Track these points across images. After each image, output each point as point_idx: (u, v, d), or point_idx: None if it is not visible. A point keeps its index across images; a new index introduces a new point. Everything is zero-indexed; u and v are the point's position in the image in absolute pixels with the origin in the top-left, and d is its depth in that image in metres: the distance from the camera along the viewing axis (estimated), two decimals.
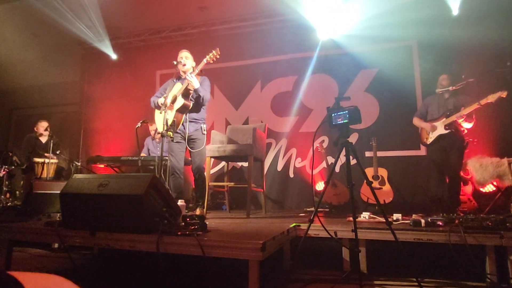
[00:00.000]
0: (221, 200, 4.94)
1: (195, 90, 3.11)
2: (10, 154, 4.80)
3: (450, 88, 3.62)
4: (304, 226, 2.32)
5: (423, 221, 2.21)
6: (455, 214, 2.60)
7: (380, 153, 4.39)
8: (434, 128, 3.67)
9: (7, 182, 4.79)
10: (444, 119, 3.60)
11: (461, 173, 3.75)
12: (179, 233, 1.75)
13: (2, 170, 4.67)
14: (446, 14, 4.60)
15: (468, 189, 3.96)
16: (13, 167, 4.87)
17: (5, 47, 6.02)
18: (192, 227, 1.85)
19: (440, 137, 3.62)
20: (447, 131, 3.57)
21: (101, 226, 1.90)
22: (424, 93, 4.53)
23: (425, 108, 3.89)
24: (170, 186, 3.16)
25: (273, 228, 2.16)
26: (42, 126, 5.22)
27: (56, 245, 3.12)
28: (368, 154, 4.66)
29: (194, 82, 3.07)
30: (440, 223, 2.21)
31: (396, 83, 4.78)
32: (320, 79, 5.23)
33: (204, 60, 3.18)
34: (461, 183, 3.71)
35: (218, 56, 3.16)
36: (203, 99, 3.16)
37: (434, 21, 4.66)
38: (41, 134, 5.23)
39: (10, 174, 4.86)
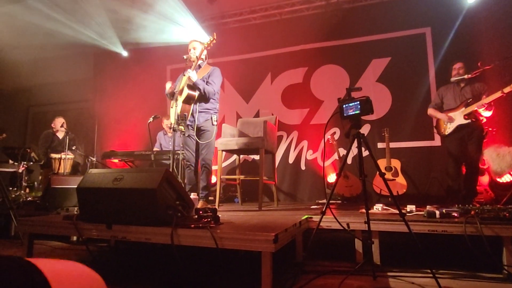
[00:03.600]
0: (233, 193, 4.98)
1: (194, 84, 3.11)
2: (29, 150, 4.94)
3: (466, 76, 3.52)
4: (316, 218, 2.33)
5: (437, 212, 2.18)
6: (471, 205, 2.55)
7: (393, 144, 4.34)
8: (451, 119, 3.58)
9: (26, 178, 4.95)
10: (463, 108, 3.50)
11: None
12: (193, 225, 1.78)
13: (21, 166, 4.81)
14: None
15: (484, 179, 3.88)
16: (31, 163, 5.02)
17: (22, 47, 6.15)
18: (205, 220, 1.88)
19: (459, 127, 3.53)
20: (466, 121, 3.47)
21: (117, 219, 1.95)
22: (439, 82, 4.42)
23: (440, 99, 3.80)
24: (185, 179, 3.20)
25: (285, 220, 2.17)
26: (59, 122, 5.35)
27: (74, 238, 3.22)
28: (380, 145, 4.61)
29: (192, 76, 3.09)
30: (456, 214, 2.18)
31: (409, 72, 4.69)
32: (330, 70, 5.17)
33: (202, 47, 3.23)
34: (478, 174, 3.64)
35: (214, 41, 3.18)
36: (204, 92, 3.16)
37: (448, 7, 4.53)
38: (57, 130, 5.36)
39: (29, 170, 5.02)
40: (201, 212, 1.98)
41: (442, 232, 2.03)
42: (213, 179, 4.19)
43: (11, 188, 4.68)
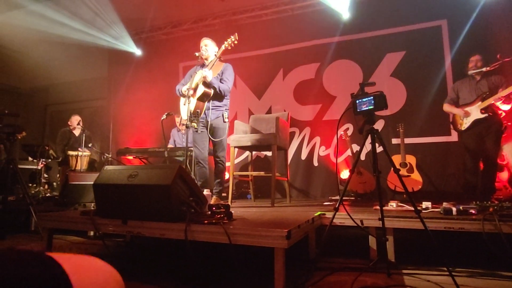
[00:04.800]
0: (246, 189, 5.00)
1: (209, 83, 3.12)
2: (47, 148, 5.07)
3: (485, 69, 3.42)
4: (329, 215, 2.32)
5: (454, 209, 2.14)
6: (489, 202, 2.49)
7: (408, 140, 4.26)
8: (467, 114, 3.49)
9: (45, 175, 5.09)
10: (480, 102, 3.41)
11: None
12: (206, 221, 1.80)
13: (40, 163, 4.95)
14: None
15: (503, 175, 3.77)
16: (50, 160, 5.16)
17: (39, 47, 6.30)
18: (218, 216, 1.90)
19: (476, 122, 3.44)
20: (483, 115, 3.38)
21: (132, 215, 1.99)
22: (455, 76, 4.30)
23: (455, 93, 3.70)
24: (196, 175, 3.23)
25: (298, 217, 2.16)
26: (75, 120, 5.48)
27: (91, 233, 3.30)
28: (395, 141, 4.53)
29: (208, 75, 3.10)
30: (473, 211, 2.13)
31: (424, 66, 4.58)
32: (343, 65, 5.11)
33: (223, 47, 3.20)
34: (497, 170, 3.54)
35: (236, 42, 3.16)
36: (219, 90, 3.17)
37: None
38: (74, 128, 5.48)
39: (47, 167, 5.16)
40: (214, 208, 2.00)
41: (459, 230, 1.99)
42: (226, 175, 4.21)
43: (30, 185, 4.83)
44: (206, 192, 3.08)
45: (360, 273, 1.91)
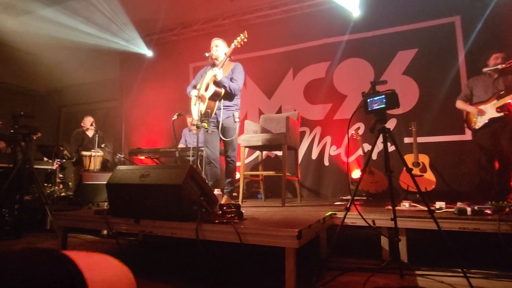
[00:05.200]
0: (256, 189, 5.00)
1: (219, 82, 3.13)
2: (61, 148, 5.18)
3: (500, 66, 3.34)
4: (340, 215, 2.30)
5: (469, 209, 2.10)
6: (505, 202, 2.43)
7: (420, 139, 4.19)
8: (482, 112, 3.42)
9: (60, 175, 5.20)
10: (495, 101, 3.33)
11: None
12: (217, 221, 1.81)
13: (55, 164, 5.06)
14: None
15: None
16: (64, 160, 5.27)
17: (53, 50, 6.44)
18: (229, 215, 1.90)
19: (491, 120, 3.37)
20: (499, 114, 3.30)
21: (145, 214, 2.01)
22: (469, 74, 4.21)
23: (470, 90, 3.63)
24: (207, 175, 3.25)
25: (308, 217, 2.15)
26: (88, 121, 5.58)
27: (105, 232, 3.36)
28: (407, 140, 4.47)
29: (218, 74, 3.11)
30: (489, 212, 2.08)
31: (437, 63, 4.50)
32: (354, 64, 5.06)
33: (232, 45, 3.21)
34: None
35: (245, 40, 3.17)
36: (230, 89, 3.18)
37: None
38: (87, 129, 5.59)
39: (62, 167, 5.27)
40: (225, 207, 2.01)
41: (474, 230, 1.95)
42: (237, 175, 4.22)
43: (46, 184, 4.94)
44: (217, 191, 3.10)
45: (372, 273, 1.89)
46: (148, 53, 6.55)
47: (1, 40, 6.23)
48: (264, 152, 4.66)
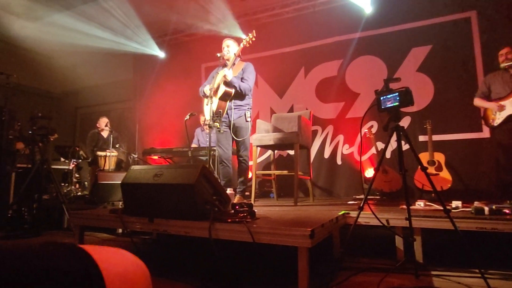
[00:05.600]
0: (269, 188, 5.01)
1: (230, 82, 3.14)
2: (77, 149, 5.30)
3: None
4: (353, 214, 2.28)
5: (486, 208, 2.05)
6: None
7: (436, 137, 4.11)
8: (501, 108, 3.33)
9: (76, 174, 5.32)
10: None
11: None
12: (229, 220, 1.82)
13: (71, 164, 5.18)
14: None
15: None
16: (80, 160, 5.39)
17: (68, 52, 6.60)
18: (242, 215, 1.91)
19: (510, 117, 3.28)
20: None
21: (158, 213, 2.04)
22: (486, 70, 4.10)
23: (487, 87, 3.53)
24: (219, 174, 3.27)
25: (321, 216, 2.14)
26: (103, 122, 5.69)
27: (120, 230, 3.42)
28: (422, 138, 4.39)
29: (228, 75, 3.12)
30: (507, 211, 2.03)
31: (453, 60, 4.40)
32: (366, 61, 4.99)
33: (241, 45, 3.22)
34: None
35: (254, 39, 3.17)
36: (240, 89, 3.19)
37: None
38: (102, 130, 5.70)
39: (78, 167, 5.39)
40: (237, 207, 2.02)
41: (492, 230, 1.90)
42: (249, 174, 4.23)
43: (63, 184, 5.06)
44: (229, 191, 3.11)
45: (386, 273, 1.87)
46: (161, 54, 6.64)
47: (20, 44, 6.42)
48: (276, 151, 4.65)
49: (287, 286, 1.79)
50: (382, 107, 1.90)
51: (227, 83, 3.17)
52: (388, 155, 4.40)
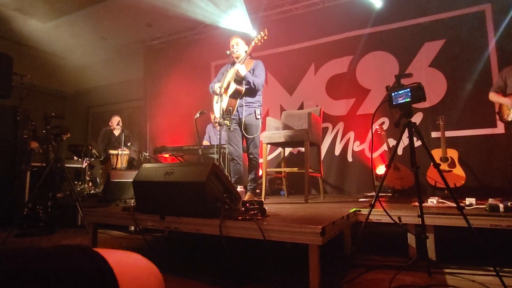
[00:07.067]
0: (279, 186, 5.00)
1: (243, 78, 3.14)
2: (90, 147, 5.39)
3: None
4: (364, 211, 2.26)
5: (501, 205, 2.00)
6: None
7: (449, 133, 4.04)
8: None
9: (89, 173, 5.41)
10: None
11: None
12: (240, 217, 1.82)
13: (84, 162, 5.27)
14: None
15: None
16: (93, 158, 5.47)
17: (80, 52, 6.71)
18: (252, 212, 1.92)
19: None
20: None
21: (169, 211, 2.06)
22: (501, 64, 4.00)
23: (503, 81, 3.45)
24: (230, 172, 3.28)
25: (332, 213, 2.13)
26: (115, 121, 5.76)
27: (132, 228, 3.47)
28: (434, 134, 4.32)
29: (241, 70, 3.11)
30: None
31: (466, 54, 4.30)
32: (377, 57, 4.93)
33: (252, 43, 3.21)
34: None
35: (265, 38, 3.16)
36: (254, 84, 3.18)
37: None
38: (114, 128, 5.78)
39: (91, 165, 5.48)
40: (248, 204, 2.02)
41: (507, 228, 1.86)
42: (260, 172, 4.24)
43: (76, 182, 5.16)
44: (240, 188, 3.12)
45: (398, 271, 1.85)
46: (171, 52, 6.68)
47: (33, 45, 6.55)
48: (287, 149, 4.64)
49: (298, 284, 1.80)
50: (394, 103, 1.88)
51: (239, 80, 3.17)
52: (400, 151, 4.34)
